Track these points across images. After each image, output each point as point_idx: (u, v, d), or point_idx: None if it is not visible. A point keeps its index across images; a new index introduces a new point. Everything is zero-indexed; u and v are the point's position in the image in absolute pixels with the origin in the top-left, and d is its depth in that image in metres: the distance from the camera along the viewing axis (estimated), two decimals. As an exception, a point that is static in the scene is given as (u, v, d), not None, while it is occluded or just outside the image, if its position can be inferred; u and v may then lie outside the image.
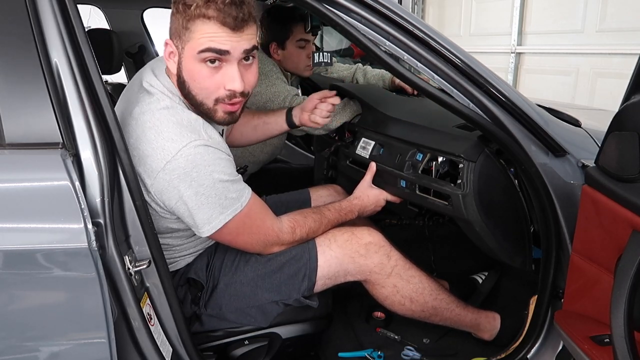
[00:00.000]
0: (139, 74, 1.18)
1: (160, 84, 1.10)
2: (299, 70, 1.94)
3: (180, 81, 1.08)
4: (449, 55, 1.04)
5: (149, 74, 1.12)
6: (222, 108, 1.09)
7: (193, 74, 1.05)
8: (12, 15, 0.87)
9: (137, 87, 1.13)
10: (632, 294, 0.80)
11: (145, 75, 1.13)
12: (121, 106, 1.15)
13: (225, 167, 1.07)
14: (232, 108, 1.10)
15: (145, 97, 1.09)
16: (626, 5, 3.01)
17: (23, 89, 0.87)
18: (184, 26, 1.02)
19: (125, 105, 1.12)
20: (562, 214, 1.13)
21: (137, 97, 1.10)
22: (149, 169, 1.03)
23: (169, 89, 1.10)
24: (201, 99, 1.08)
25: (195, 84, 1.06)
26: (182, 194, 1.03)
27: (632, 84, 0.88)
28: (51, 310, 0.91)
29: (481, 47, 4.18)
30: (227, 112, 1.10)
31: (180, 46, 1.05)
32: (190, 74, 1.06)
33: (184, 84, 1.07)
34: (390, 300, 1.33)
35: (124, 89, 1.23)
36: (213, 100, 1.08)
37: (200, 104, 1.08)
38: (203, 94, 1.07)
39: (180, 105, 1.09)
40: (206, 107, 1.09)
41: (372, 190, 1.45)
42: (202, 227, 1.08)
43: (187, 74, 1.06)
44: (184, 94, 1.10)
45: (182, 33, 1.03)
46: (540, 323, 1.24)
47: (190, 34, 1.02)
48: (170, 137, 1.02)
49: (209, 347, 1.24)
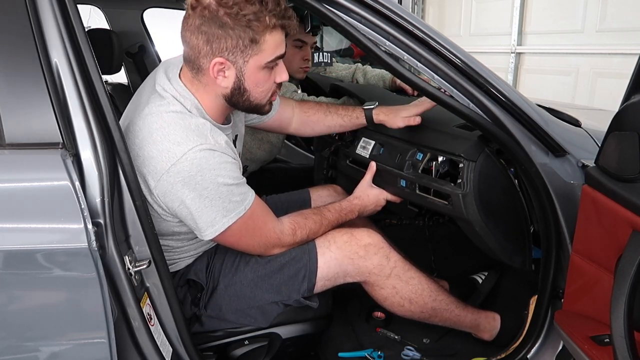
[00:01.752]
0: (151, 77, 1.18)
1: (173, 89, 1.09)
2: (291, 71, 1.93)
3: (237, 92, 1.10)
4: (449, 55, 1.04)
5: (162, 78, 1.12)
6: (270, 99, 1.17)
7: (258, 81, 1.10)
8: (12, 15, 0.87)
9: (149, 90, 1.13)
10: (632, 294, 0.80)
11: (159, 78, 1.12)
12: (132, 106, 1.16)
13: (230, 170, 1.07)
14: (274, 97, 1.18)
15: (156, 99, 1.09)
16: (626, 5, 3.01)
17: (23, 89, 0.87)
18: (253, 40, 1.02)
19: (137, 104, 1.13)
20: (562, 214, 1.13)
21: (148, 98, 1.10)
22: (153, 171, 1.03)
23: (182, 95, 1.09)
24: (259, 100, 1.13)
25: (258, 90, 1.11)
26: (185, 197, 1.03)
27: (632, 84, 0.88)
28: (51, 310, 0.91)
29: (481, 47, 4.18)
30: (271, 102, 1.18)
31: (242, 60, 1.05)
32: (255, 82, 1.09)
33: (244, 94, 1.10)
34: (389, 302, 1.32)
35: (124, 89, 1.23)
36: (268, 97, 1.15)
37: (257, 105, 1.14)
38: (262, 95, 1.13)
39: (190, 112, 1.09)
40: (260, 104, 1.15)
41: (372, 189, 1.45)
42: (204, 230, 1.08)
43: (251, 84, 1.09)
44: (235, 102, 1.12)
45: (247, 47, 1.03)
46: (540, 323, 1.24)
47: (258, 46, 1.04)
48: (176, 140, 1.02)
49: (209, 347, 1.24)
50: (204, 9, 1.00)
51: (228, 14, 0.99)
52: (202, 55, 1.04)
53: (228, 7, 0.99)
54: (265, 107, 1.17)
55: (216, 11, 0.99)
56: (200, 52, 1.03)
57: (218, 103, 1.12)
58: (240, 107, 1.15)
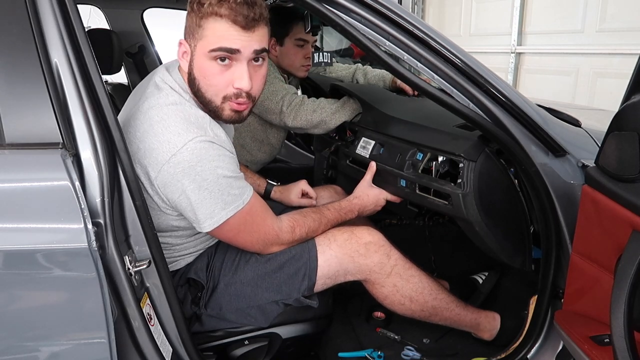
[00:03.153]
0: (153, 72, 1.20)
1: (172, 80, 1.12)
2: (294, 69, 1.94)
3: (190, 78, 1.11)
4: (449, 55, 1.04)
5: (163, 71, 1.15)
6: (229, 106, 1.11)
7: (204, 71, 1.07)
8: (12, 15, 0.87)
9: (148, 84, 1.15)
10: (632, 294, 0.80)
11: (159, 72, 1.16)
12: (131, 102, 1.17)
13: (229, 163, 1.08)
14: (238, 107, 1.11)
15: (154, 92, 1.11)
16: (626, 5, 3.01)
17: (23, 89, 0.87)
18: (197, 24, 1.05)
19: (136, 100, 1.14)
20: (562, 214, 1.13)
21: (147, 92, 1.12)
22: (154, 162, 1.04)
23: (180, 85, 1.12)
24: (210, 96, 1.10)
25: (205, 81, 1.08)
26: (186, 187, 1.04)
27: (632, 84, 0.88)
28: (51, 310, 0.91)
29: (481, 47, 4.18)
30: (234, 111, 1.12)
31: (192, 44, 1.08)
32: (200, 72, 1.08)
33: (194, 81, 1.10)
34: (390, 300, 1.33)
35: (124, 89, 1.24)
36: (221, 98, 1.10)
37: (209, 102, 1.10)
38: (212, 91, 1.09)
39: (189, 102, 1.11)
40: (214, 104, 1.10)
41: (372, 189, 1.45)
42: (203, 222, 1.09)
43: (197, 72, 1.08)
44: (194, 91, 1.12)
45: (195, 31, 1.06)
46: (540, 323, 1.24)
47: (202, 32, 1.04)
48: (176, 131, 1.03)
49: (209, 347, 1.24)
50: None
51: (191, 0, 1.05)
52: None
53: None
54: (222, 111, 1.11)
55: None
56: None
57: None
58: (202, 103, 1.12)
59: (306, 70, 1.97)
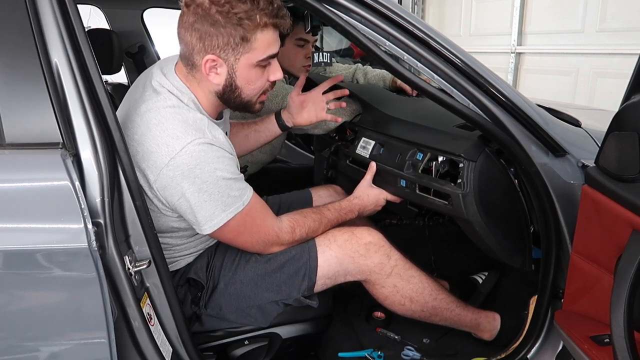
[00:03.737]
0: (145, 74, 1.20)
1: (169, 83, 1.11)
2: (294, 69, 1.94)
3: (229, 89, 1.11)
4: (449, 55, 1.04)
5: (158, 74, 1.14)
6: (260, 99, 1.18)
7: (250, 79, 1.11)
8: (12, 15, 0.87)
9: (144, 86, 1.14)
10: (632, 294, 0.80)
11: (155, 74, 1.14)
12: (126, 104, 1.16)
13: (228, 165, 1.08)
14: (264, 97, 1.19)
15: (152, 95, 1.10)
16: (626, 5, 3.01)
17: (23, 89, 0.87)
18: (243, 38, 1.04)
19: (131, 103, 1.13)
20: (562, 214, 1.13)
21: (144, 95, 1.11)
22: (152, 165, 1.04)
23: (178, 89, 1.11)
24: (250, 97, 1.14)
25: (250, 87, 1.12)
26: (185, 190, 1.04)
27: (632, 84, 0.88)
28: (51, 310, 0.91)
29: (481, 47, 4.18)
30: (262, 102, 1.19)
31: (232, 58, 1.07)
32: (246, 80, 1.11)
33: (235, 90, 1.12)
34: (390, 300, 1.33)
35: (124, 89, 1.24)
36: (258, 95, 1.16)
37: (247, 103, 1.15)
38: (253, 93, 1.14)
39: (187, 105, 1.10)
40: (250, 102, 1.16)
41: (372, 189, 1.45)
42: (203, 224, 1.08)
43: (242, 81, 1.11)
44: (226, 98, 1.13)
45: (237, 45, 1.05)
46: (540, 323, 1.24)
47: (249, 44, 1.05)
48: (175, 134, 1.03)
49: (209, 347, 1.24)
50: (197, 6, 1.02)
51: (220, 12, 1.01)
52: (195, 52, 1.06)
53: (220, 5, 1.00)
54: (255, 105, 1.18)
55: (208, 9, 1.01)
56: (194, 49, 1.06)
57: (211, 99, 1.14)
58: (231, 104, 1.16)
59: (306, 70, 1.97)
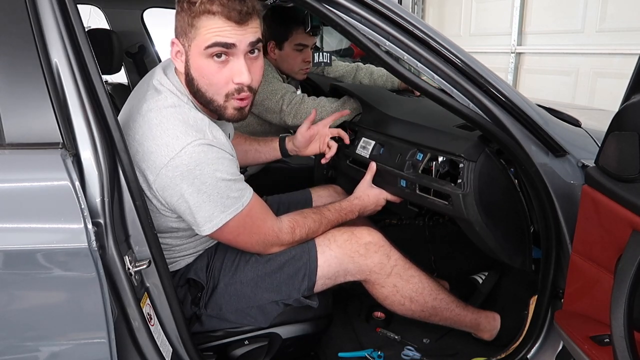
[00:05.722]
0: (150, 73, 1.20)
1: (169, 83, 1.11)
2: (292, 73, 1.94)
3: (188, 79, 1.09)
4: (449, 55, 1.04)
5: (160, 73, 1.14)
6: (232, 104, 1.10)
7: (201, 70, 1.06)
8: (12, 15, 0.87)
9: (147, 85, 1.14)
10: (632, 294, 0.80)
11: (157, 74, 1.14)
12: (130, 103, 1.16)
13: (228, 166, 1.07)
14: (241, 103, 1.11)
15: (153, 94, 1.10)
16: (626, 5, 3.01)
17: (23, 89, 0.87)
18: (190, 24, 1.03)
19: (135, 102, 1.13)
20: (562, 214, 1.13)
21: (146, 95, 1.11)
22: (152, 165, 1.03)
23: (178, 88, 1.11)
24: (211, 95, 1.09)
25: (204, 80, 1.07)
26: (184, 191, 1.04)
27: (632, 84, 0.88)
28: (51, 310, 0.91)
29: (481, 47, 4.17)
30: (237, 108, 1.11)
31: (186, 44, 1.06)
32: (198, 71, 1.07)
33: (193, 82, 1.09)
34: (390, 300, 1.33)
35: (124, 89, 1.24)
36: (223, 97, 1.09)
37: (211, 101, 1.09)
38: (212, 90, 1.08)
39: (188, 104, 1.10)
40: (216, 103, 1.10)
41: (373, 190, 1.45)
42: (202, 225, 1.08)
43: (195, 71, 1.07)
44: (193, 92, 1.11)
45: (187, 31, 1.04)
46: (540, 323, 1.24)
47: (196, 30, 1.03)
48: (175, 135, 1.03)
49: (209, 347, 1.24)
50: None
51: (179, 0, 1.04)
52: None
53: None
54: (225, 109, 1.10)
55: None
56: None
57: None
58: (202, 103, 1.12)
59: (305, 73, 1.97)
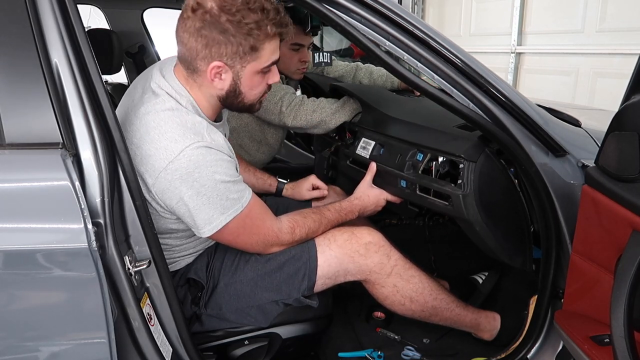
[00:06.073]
0: (144, 75, 1.19)
1: (168, 86, 1.10)
2: (289, 72, 1.93)
3: (232, 94, 1.12)
4: (449, 55, 1.04)
5: (158, 76, 1.13)
6: (260, 99, 1.20)
7: (252, 84, 1.12)
8: (12, 15, 0.87)
9: (143, 88, 1.14)
10: (632, 294, 0.80)
11: (154, 76, 1.13)
12: (125, 106, 1.16)
13: (227, 168, 1.08)
14: (264, 97, 1.20)
15: (151, 97, 1.09)
16: (626, 5, 3.01)
17: (23, 89, 0.87)
18: (252, 48, 1.05)
19: (130, 104, 1.13)
20: (562, 214, 1.13)
21: (143, 97, 1.10)
22: (151, 169, 1.03)
23: (177, 91, 1.10)
24: (252, 101, 1.16)
25: (252, 92, 1.14)
26: (183, 194, 1.04)
27: (632, 84, 0.88)
28: (51, 310, 0.91)
29: (481, 47, 4.17)
30: (261, 102, 1.21)
31: (239, 65, 1.07)
32: (250, 86, 1.12)
33: (239, 96, 1.13)
34: (390, 300, 1.33)
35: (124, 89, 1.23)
36: (259, 98, 1.18)
37: (249, 105, 1.17)
38: (255, 97, 1.16)
39: (186, 108, 1.10)
40: (252, 104, 1.18)
41: (373, 190, 1.45)
42: (202, 227, 1.08)
43: (246, 87, 1.12)
44: (229, 103, 1.15)
45: (245, 54, 1.06)
46: (540, 323, 1.24)
47: (256, 53, 1.06)
48: (173, 138, 1.03)
49: (209, 347, 1.24)
50: (206, 12, 1.00)
51: (230, 21, 1.00)
52: (199, 58, 1.05)
53: (231, 14, 1.00)
54: (255, 106, 1.19)
55: (218, 16, 1.00)
56: (199, 54, 1.04)
57: (212, 102, 1.14)
58: (233, 108, 1.18)
59: (302, 72, 1.97)
